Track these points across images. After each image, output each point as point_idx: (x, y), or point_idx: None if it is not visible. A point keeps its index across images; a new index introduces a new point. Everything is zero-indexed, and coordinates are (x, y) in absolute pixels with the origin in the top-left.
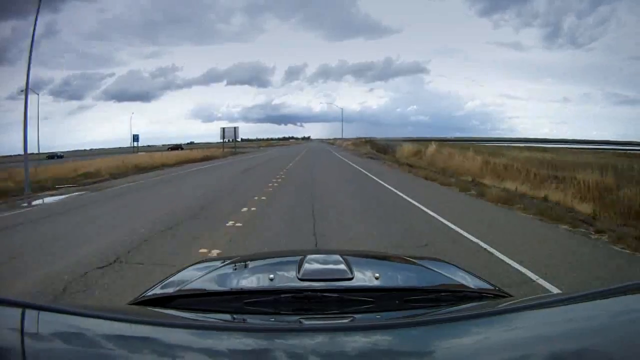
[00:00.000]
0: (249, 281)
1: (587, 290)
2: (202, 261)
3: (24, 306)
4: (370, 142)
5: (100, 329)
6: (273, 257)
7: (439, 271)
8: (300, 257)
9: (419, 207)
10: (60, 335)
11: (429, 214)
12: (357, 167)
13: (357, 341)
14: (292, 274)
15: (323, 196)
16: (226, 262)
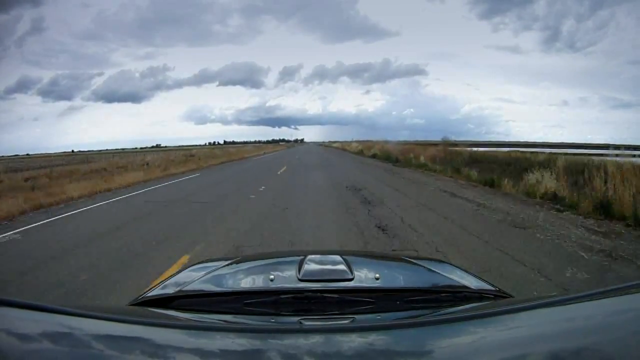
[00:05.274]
0: (249, 282)
1: (588, 290)
2: (203, 262)
3: (21, 306)
4: None
5: (100, 329)
6: (273, 258)
7: (439, 272)
8: (301, 257)
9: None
10: (58, 336)
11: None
12: None
13: (357, 342)
14: (292, 274)
15: None
16: (226, 263)
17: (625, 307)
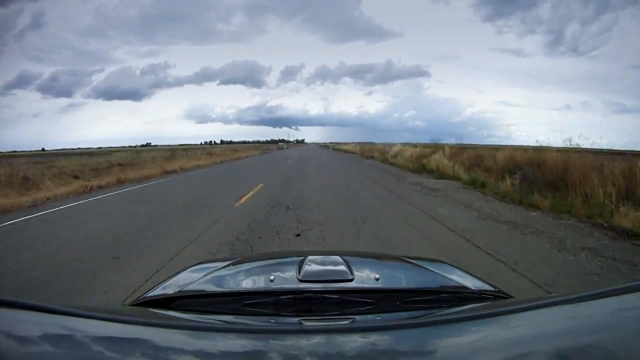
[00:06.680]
0: (249, 282)
1: (589, 290)
2: (203, 262)
3: (21, 307)
4: None
5: (100, 330)
6: (273, 258)
7: (439, 272)
8: (301, 258)
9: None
10: (58, 337)
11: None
12: None
13: (357, 342)
14: (293, 275)
15: None
16: (227, 264)
17: (626, 306)
